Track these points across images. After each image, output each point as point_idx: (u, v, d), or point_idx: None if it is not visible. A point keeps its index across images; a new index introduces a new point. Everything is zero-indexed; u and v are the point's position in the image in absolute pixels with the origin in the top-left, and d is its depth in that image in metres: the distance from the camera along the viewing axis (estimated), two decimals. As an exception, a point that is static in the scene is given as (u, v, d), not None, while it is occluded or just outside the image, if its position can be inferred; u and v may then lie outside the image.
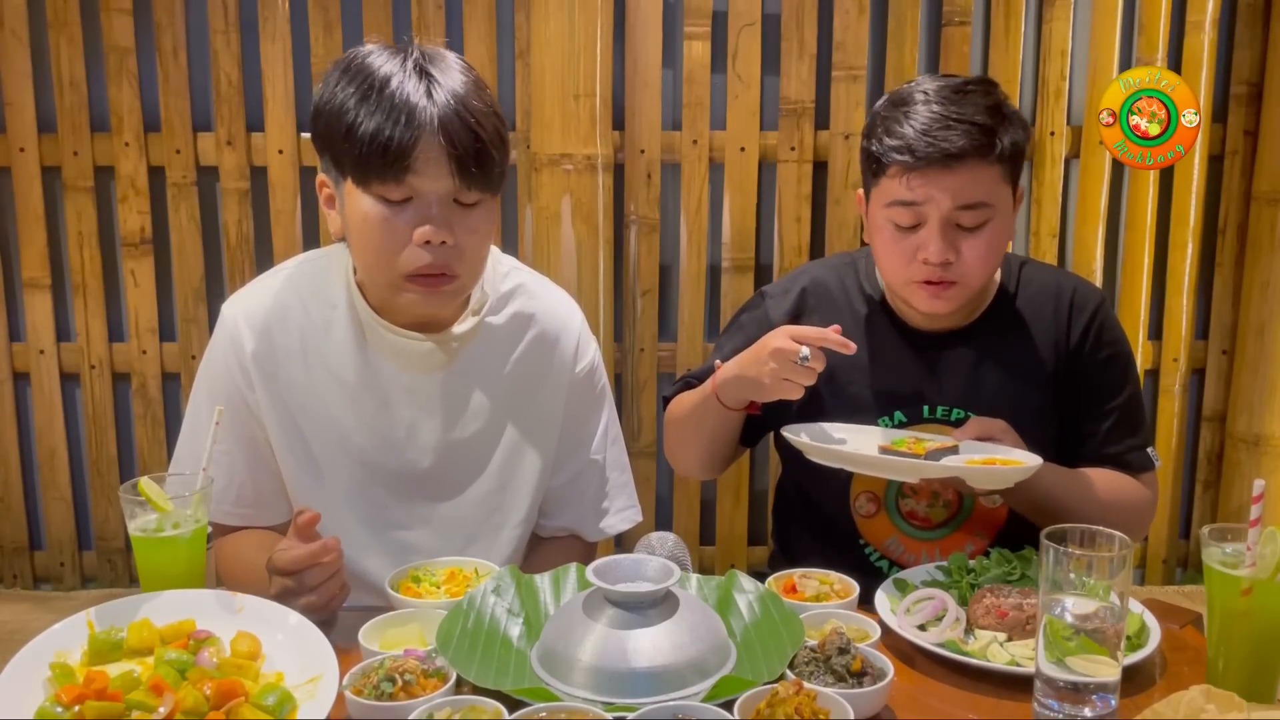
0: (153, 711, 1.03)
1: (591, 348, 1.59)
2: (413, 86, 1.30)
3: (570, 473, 1.58)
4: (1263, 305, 2.87)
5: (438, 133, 1.29)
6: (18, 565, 2.98)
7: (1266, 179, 2.84)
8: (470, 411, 1.50)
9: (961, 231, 1.45)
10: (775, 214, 2.82)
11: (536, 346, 1.53)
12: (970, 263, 1.46)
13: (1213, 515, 3.04)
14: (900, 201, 1.45)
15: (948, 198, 1.43)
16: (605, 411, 1.61)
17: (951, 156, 1.41)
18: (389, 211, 1.33)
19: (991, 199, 1.45)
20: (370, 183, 1.32)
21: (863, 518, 1.60)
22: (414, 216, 1.33)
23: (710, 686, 1.10)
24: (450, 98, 1.31)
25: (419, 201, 1.32)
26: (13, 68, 2.72)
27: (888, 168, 1.46)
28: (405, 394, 1.47)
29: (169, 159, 2.77)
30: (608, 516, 1.61)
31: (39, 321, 2.85)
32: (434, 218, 1.32)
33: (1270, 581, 1.10)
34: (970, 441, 1.44)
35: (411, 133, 1.29)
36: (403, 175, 1.30)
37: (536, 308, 1.54)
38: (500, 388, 1.51)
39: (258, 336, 1.45)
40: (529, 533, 1.58)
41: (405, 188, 1.31)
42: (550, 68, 2.67)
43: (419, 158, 1.30)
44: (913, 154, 1.42)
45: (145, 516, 1.26)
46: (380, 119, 1.29)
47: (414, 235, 1.32)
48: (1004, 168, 1.46)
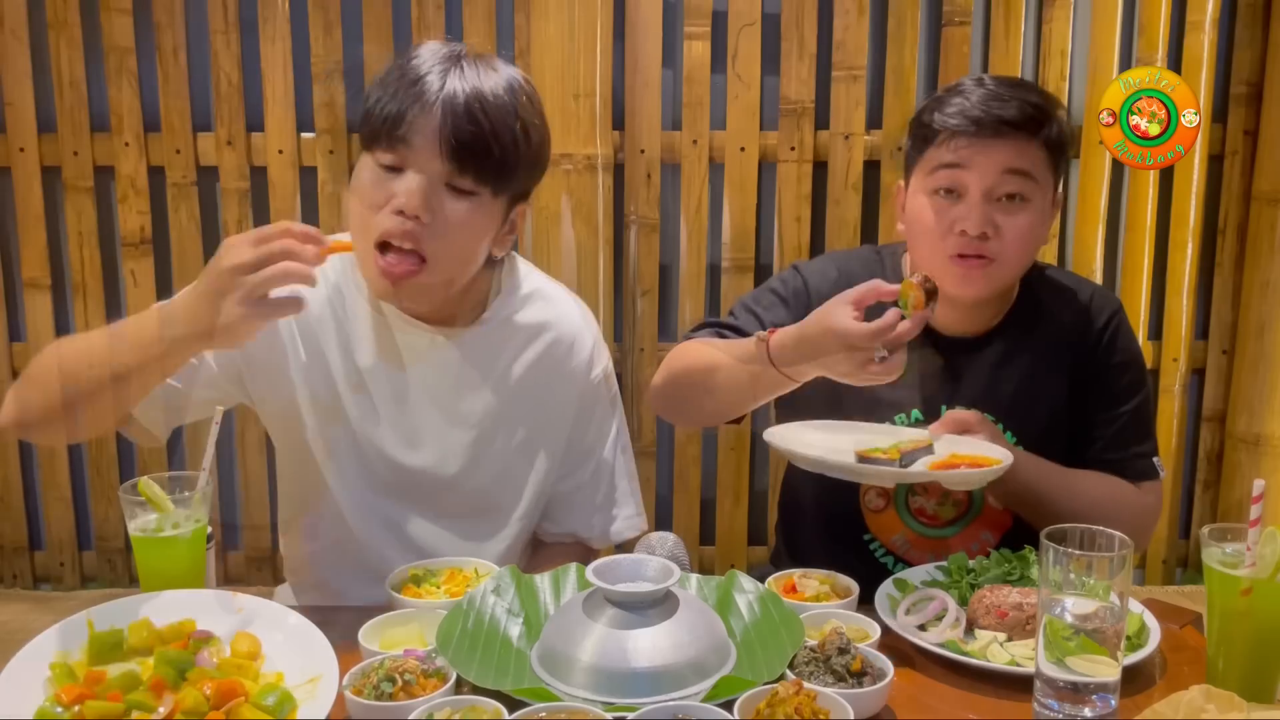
0: (153, 711, 1.03)
1: (604, 356, 1.60)
2: (440, 70, 1.35)
3: (578, 479, 1.59)
4: (1263, 305, 2.87)
5: (437, 110, 1.32)
6: (18, 565, 2.97)
7: (1266, 179, 2.84)
8: (479, 409, 1.51)
9: (1001, 208, 1.47)
10: (775, 214, 2.82)
11: (551, 351, 1.54)
12: (1008, 242, 1.47)
13: (1213, 515, 3.03)
14: (946, 164, 1.48)
15: (993, 167, 1.46)
16: (616, 419, 1.62)
17: (1005, 123, 1.46)
18: (379, 175, 1.35)
19: (1035, 176, 1.48)
20: (372, 146, 1.36)
21: (872, 512, 1.60)
22: (399, 185, 1.34)
23: (710, 686, 1.10)
24: (468, 86, 1.34)
25: (409, 173, 1.34)
26: (13, 68, 2.72)
27: (938, 134, 1.49)
28: (420, 387, 1.48)
29: (169, 159, 2.77)
30: (614, 524, 1.61)
31: (39, 321, 2.85)
32: (414, 190, 1.33)
33: (1270, 581, 1.10)
34: (948, 436, 1.44)
35: (415, 104, 1.32)
36: (396, 143, 1.33)
37: (554, 313, 1.56)
38: (511, 388, 1.52)
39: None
40: (528, 530, 1.58)
41: (397, 156, 1.34)
42: (550, 68, 2.67)
43: (416, 130, 1.32)
44: (966, 117, 1.47)
45: (145, 516, 1.26)
46: (395, 85, 1.34)
47: (390, 201, 1.33)
48: (1048, 155, 1.49)
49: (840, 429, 1.51)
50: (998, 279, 1.51)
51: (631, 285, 2.83)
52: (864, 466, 1.37)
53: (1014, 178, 1.47)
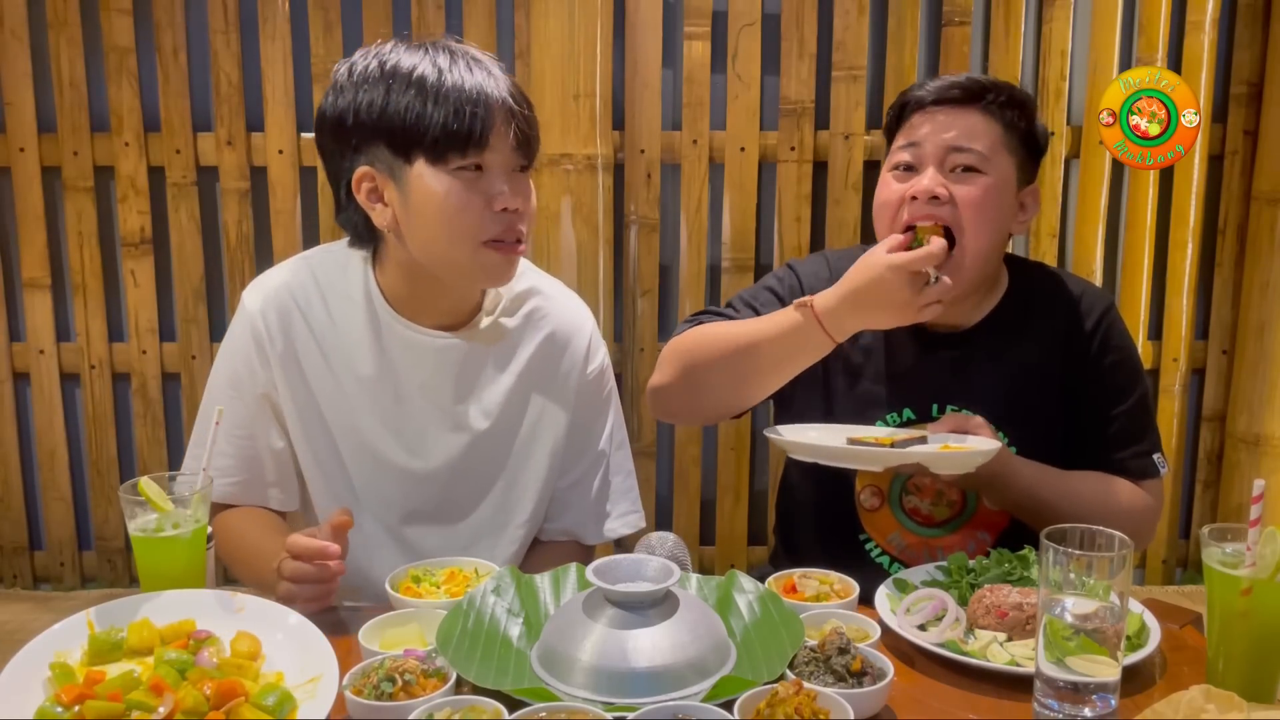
0: (153, 711, 1.03)
1: (601, 351, 1.61)
2: (472, 72, 1.38)
3: (575, 475, 1.59)
4: (1263, 305, 2.87)
5: (505, 109, 1.38)
6: (18, 565, 2.98)
7: (1266, 179, 2.84)
8: (482, 410, 1.51)
9: (954, 178, 1.51)
10: (775, 214, 2.82)
11: (548, 348, 1.55)
12: (962, 208, 1.49)
13: (1213, 515, 3.04)
14: (903, 144, 1.55)
15: (943, 134, 1.52)
16: (612, 415, 1.63)
17: (953, 86, 1.53)
18: (464, 184, 1.38)
19: (987, 150, 1.51)
20: (449, 159, 1.37)
21: (866, 511, 1.61)
22: (488, 186, 1.39)
23: (710, 686, 1.10)
24: (505, 77, 1.41)
25: (490, 174, 1.39)
26: (13, 68, 2.72)
27: (899, 117, 1.58)
28: (419, 391, 1.49)
29: (169, 159, 2.77)
30: (610, 520, 1.61)
31: (39, 321, 2.85)
32: (516, 189, 1.41)
33: (1270, 581, 1.10)
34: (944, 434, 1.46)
35: (488, 111, 1.37)
36: (481, 150, 1.37)
37: (550, 309, 1.56)
38: (512, 387, 1.52)
39: (279, 324, 1.47)
40: (534, 532, 1.58)
41: (480, 161, 1.38)
42: (550, 68, 2.68)
43: (492, 131, 1.38)
44: (918, 91, 1.56)
45: (145, 516, 1.26)
46: (454, 103, 1.36)
47: (492, 203, 1.39)
48: (1006, 135, 1.53)
49: (838, 430, 1.53)
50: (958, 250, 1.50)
51: (631, 285, 2.84)
52: (854, 448, 1.42)
53: (966, 141, 1.51)
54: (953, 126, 1.51)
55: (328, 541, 1.28)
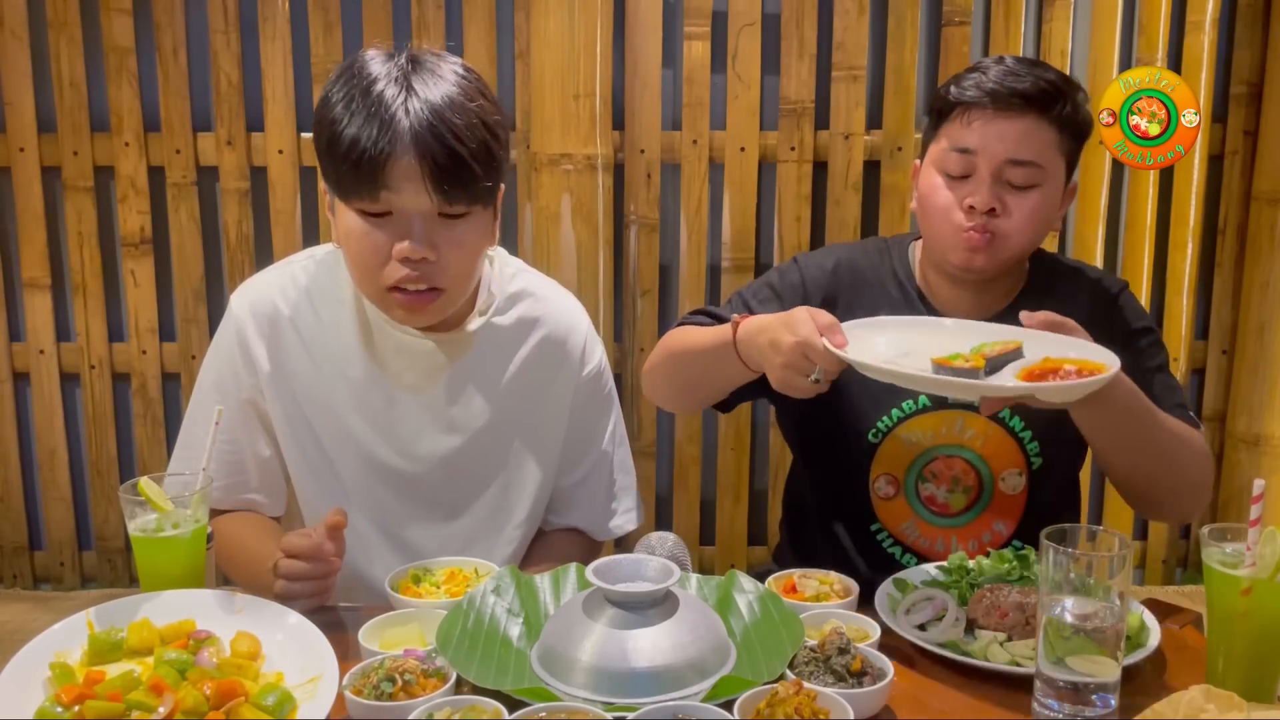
0: (153, 711, 1.03)
1: (598, 350, 1.60)
2: (390, 97, 1.28)
3: (579, 474, 1.59)
4: (1263, 305, 2.87)
5: (411, 149, 1.27)
6: (18, 565, 2.98)
7: (1266, 179, 2.84)
8: (475, 412, 1.50)
9: (1009, 188, 1.47)
10: (775, 214, 2.82)
11: (543, 349, 1.53)
12: (1016, 221, 1.47)
13: (1213, 515, 3.03)
14: (957, 148, 1.48)
15: (1002, 147, 1.46)
16: (612, 414, 1.62)
17: (1017, 95, 1.45)
18: (369, 226, 1.32)
19: (1044, 161, 1.47)
20: (349, 198, 1.32)
21: (881, 499, 1.59)
22: (394, 231, 1.31)
23: (710, 686, 1.10)
24: (427, 111, 1.27)
25: (398, 216, 1.31)
26: (13, 68, 2.72)
27: (954, 108, 1.49)
28: (410, 393, 1.48)
29: (169, 159, 2.77)
30: (614, 518, 1.62)
31: (39, 321, 2.85)
32: (414, 234, 1.31)
33: (1270, 581, 1.10)
34: (1036, 335, 1.31)
35: (384, 149, 1.26)
36: (377, 192, 1.29)
37: (543, 310, 1.55)
38: (505, 389, 1.51)
39: (266, 329, 1.46)
40: (531, 533, 1.58)
41: (382, 203, 1.30)
42: (550, 68, 2.67)
43: (394, 174, 1.28)
44: (980, 89, 1.47)
45: (145, 516, 1.26)
46: (355, 130, 1.27)
47: (393, 250, 1.31)
48: (1062, 138, 1.49)
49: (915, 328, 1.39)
50: (1003, 254, 1.49)
51: (631, 285, 2.83)
52: (942, 377, 1.23)
53: (1025, 155, 1.46)
54: (1009, 135, 1.46)
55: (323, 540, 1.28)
